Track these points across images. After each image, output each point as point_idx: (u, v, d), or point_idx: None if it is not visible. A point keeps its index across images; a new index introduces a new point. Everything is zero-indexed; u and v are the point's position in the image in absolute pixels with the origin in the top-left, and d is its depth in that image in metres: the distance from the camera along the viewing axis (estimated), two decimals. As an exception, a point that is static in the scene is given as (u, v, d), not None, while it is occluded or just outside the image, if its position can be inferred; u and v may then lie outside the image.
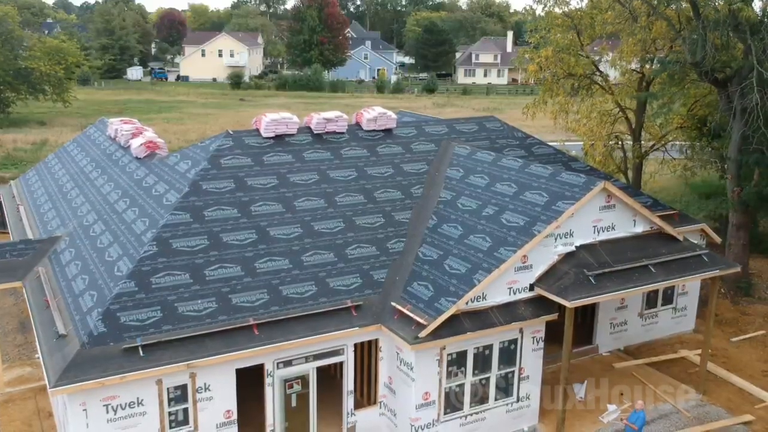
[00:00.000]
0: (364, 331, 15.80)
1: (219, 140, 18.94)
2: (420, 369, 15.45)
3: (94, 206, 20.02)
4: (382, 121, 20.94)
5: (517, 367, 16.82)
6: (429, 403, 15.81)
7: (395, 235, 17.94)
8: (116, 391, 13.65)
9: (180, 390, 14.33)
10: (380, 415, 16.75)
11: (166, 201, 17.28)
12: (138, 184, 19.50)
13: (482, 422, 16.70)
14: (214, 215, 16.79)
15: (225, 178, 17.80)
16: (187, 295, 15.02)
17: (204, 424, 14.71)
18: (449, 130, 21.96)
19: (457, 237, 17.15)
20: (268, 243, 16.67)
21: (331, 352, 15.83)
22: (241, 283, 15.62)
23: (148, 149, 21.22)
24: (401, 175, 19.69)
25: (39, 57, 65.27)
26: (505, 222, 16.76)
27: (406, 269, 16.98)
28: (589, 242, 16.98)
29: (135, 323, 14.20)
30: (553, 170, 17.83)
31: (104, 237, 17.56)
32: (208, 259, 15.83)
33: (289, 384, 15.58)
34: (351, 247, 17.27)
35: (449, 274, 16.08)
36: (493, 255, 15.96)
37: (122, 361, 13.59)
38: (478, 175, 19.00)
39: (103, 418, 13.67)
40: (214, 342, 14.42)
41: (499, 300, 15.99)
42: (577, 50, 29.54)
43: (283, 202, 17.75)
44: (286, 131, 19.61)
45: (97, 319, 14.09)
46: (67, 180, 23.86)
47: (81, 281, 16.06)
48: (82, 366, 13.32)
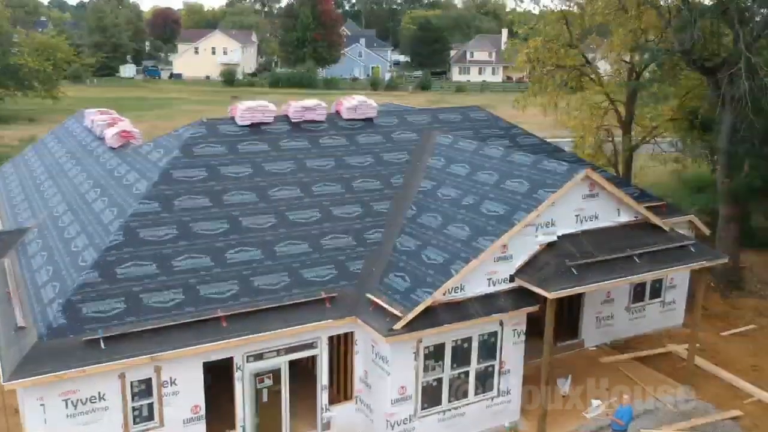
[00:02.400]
0: (338, 324, 15.27)
1: (192, 128, 18.41)
2: (395, 362, 14.93)
3: (65, 197, 19.47)
4: (362, 110, 20.42)
5: (498, 361, 16.31)
6: (405, 397, 15.29)
7: (373, 226, 17.41)
8: (76, 386, 13.09)
9: (144, 384, 13.77)
10: (357, 411, 16.22)
11: (135, 190, 16.73)
12: (110, 173, 18.95)
13: (461, 418, 16.17)
14: (184, 204, 16.25)
15: (197, 166, 17.26)
16: (153, 286, 14.47)
17: (170, 420, 14.16)
18: (432, 119, 21.44)
19: (436, 227, 16.63)
20: (240, 233, 16.13)
21: (304, 346, 15.30)
22: (210, 274, 15.08)
23: (122, 138, 20.67)
24: (381, 165, 19.17)
25: (27, 53, 64.62)
26: (485, 211, 16.24)
27: (383, 260, 16.45)
28: (572, 232, 16.47)
29: (97, 315, 13.65)
30: (536, 158, 17.32)
31: (72, 227, 17.00)
32: (176, 249, 15.28)
33: (260, 378, 15.04)
34: (327, 237, 16.74)
35: (426, 265, 15.56)
36: (471, 245, 15.43)
37: (83, 354, 13.03)
38: (460, 164, 18.48)
39: (63, 413, 13.11)
40: (180, 334, 13.87)
41: (478, 291, 15.47)
42: (567, 41, 29.01)
43: (258, 192, 17.21)
44: (262, 119, 19.08)
45: (57, 310, 13.54)
46: (42, 172, 23.30)
47: (45, 272, 15.51)
48: (40, 359, 12.76)
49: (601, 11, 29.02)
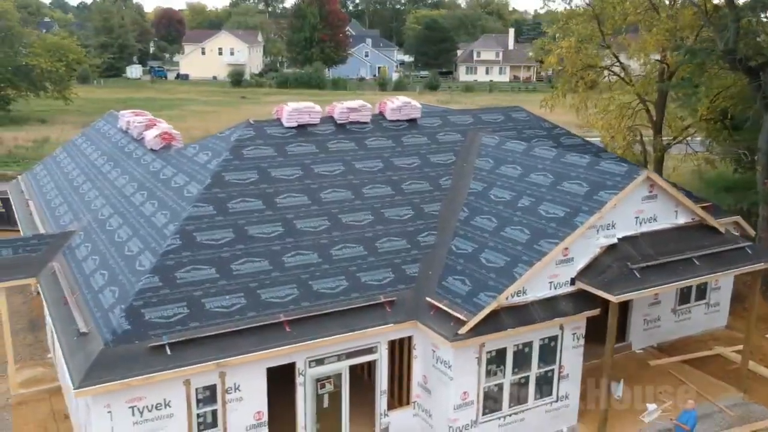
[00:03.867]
0: (398, 328, 15.04)
1: (239, 130, 18.17)
2: (458, 367, 14.70)
3: (108, 200, 19.22)
4: (406, 110, 20.18)
5: (557, 366, 16.07)
6: (467, 403, 15.06)
7: (426, 228, 17.17)
8: (142, 392, 12.87)
9: (209, 390, 13.56)
10: (414, 416, 15.99)
11: (187, 193, 16.49)
12: (155, 176, 18.70)
13: (521, 423, 15.95)
14: (238, 207, 16.01)
15: (248, 168, 17.02)
16: (214, 290, 14.24)
17: (233, 427, 13.94)
18: (474, 120, 21.20)
19: (492, 229, 16.39)
20: (295, 236, 15.90)
21: (364, 350, 15.07)
22: (270, 278, 14.85)
23: (163, 141, 20.43)
24: (428, 166, 18.93)
25: (39, 54, 64.37)
26: (544, 213, 16.01)
27: (439, 263, 16.22)
28: (632, 234, 16.24)
29: (160, 320, 13.41)
30: (592, 159, 17.08)
31: (122, 231, 16.76)
32: (234, 253, 15.05)
33: (321, 383, 14.81)
34: (381, 240, 16.51)
35: (487, 268, 15.32)
36: (533, 247, 15.19)
37: (148, 360, 12.81)
38: (510, 166, 18.25)
39: (129, 420, 12.89)
40: (244, 340, 13.65)
41: (540, 295, 15.24)
42: (599, 41, 28.77)
43: (309, 194, 16.98)
44: (308, 121, 18.85)
45: (120, 316, 13.30)
46: (78, 174, 23.05)
47: (100, 277, 15.27)
48: (107, 366, 12.53)
49: (633, 11, 28.82)
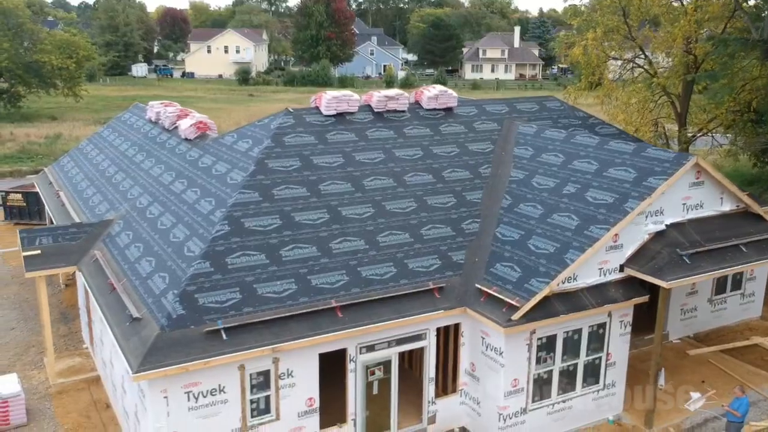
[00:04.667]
0: (447, 314, 14.93)
1: (279, 118, 18.05)
2: (510, 354, 14.58)
3: (145, 189, 19.11)
4: (443, 99, 20.07)
5: (605, 353, 15.96)
6: (517, 390, 14.94)
7: (469, 216, 17.06)
8: (198, 377, 12.76)
9: (262, 376, 13.45)
10: (461, 404, 15.87)
11: (230, 180, 16.37)
12: (193, 164, 18.59)
13: (569, 411, 15.83)
14: (283, 194, 15.90)
15: (290, 156, 16.91)
16: (265, 276, 14.13)
17: (286, 413, 13.84)
18: (510, 109, 21.08)
19: (538, 216, 16.27)
20: (341, 223, 15.78)
21: (414, 337, 14.96)
22: (319, 264, 14.74)
23: (198, 130, 20.32)
24: (467, 155, 18.81)
25: (50, 50, 64.21)
26: (591, 199, 15.89)
27: (484, 250, 16.10)
28: (679, 221, 16.12)
29: (214, 305, 13.31)
30: (637, 146, 16.97)
31: (164, 218, 16.65)
32: (282, 239, 14.94)
33: (371, 370, 14.70)
34: (426, 227, 16.39)
35: (536, 254, 15.20)
36: (583, 233, 15.08)
37: (204, 345, 12.70)
38: (551, 153, 18.13)
39: (184, 405, 12.78)
40: (297, 325, 13.54)
41: (590, 281, 15.12)
42: (624, 33, 28.64)
43: (352, 181, 16.86)
44: (347, 109, 18.75)
45: (174, 300, 13.19)
46: (109, 165, 22.94)
47: (147, 263, 15.15)
48: (163, 350, 12.43)
49: (657, 2, 28.71)
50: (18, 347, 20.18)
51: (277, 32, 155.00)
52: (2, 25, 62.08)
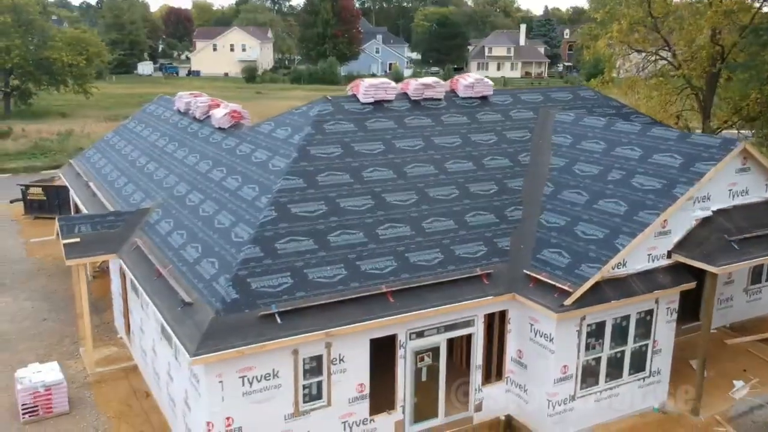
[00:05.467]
0: (496, 300, 14.82)
1: (318, 106, 17.93)
2: (560, 340, 14.47)
3: (181, 177, 19.01)
4: (479, 87, 19.95)
5: (651, 340, 15.85)
6: (567, 377, 14.83)
7: (511, 203, 16.94)
8: (253, 362, 12.66)
9: (315, 361, 13.34)
10: (507, 392, 15.76)
11: (272, 167, 16.26)
12: (230, 152, 18.48)
13: (615, 398, 15.72)
14: (327, 180, 15.78)
15: (331, 143, 16.79)
16: (315, 261, 14.02)
17: (337, 399, 13.73)
18: (544, 98, 20.97)
19: (584, 203, 16.15)
20: (386, 209, 15.66)
21: (462, 323, 14.87)
22: (367, 250, 14.62)
23: (232, 119, 20.21)
24: (505, 143, 18.69)
25: (60, 47, 64.15)
26: (638, 185, 15.77)
27: (530, 237, 15.99)
28: (725, 207, 16.00)
29: (267, 289, 13.19)
30: (681, 133, 16.86)
31: (206, 205, 16.54)
32: (329, 225, 14.82)
33: (420, 357, 14.59)
34: (469, 214, 16.28)
35: (585, 240, 15.08)
36: (633, 219, 14.96)
37: (259, 329, 12.59)
38: (592, 141, 18.01)
39: (239, 390, 12.68)
40: (349, 310, 13.43)
41: (639, 267, 15.00)
42: (650, 24, 28.53)
43: (394, 168, 16.75)
44: (384, 97, 18.62)
45: (227, 285, 13.07)
46: (139, 155, 22.84)
47: (193, 249, 15.04)
48: (219, 334, 12.31)
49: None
50: (52, 338, 20.09)
51: (281, 31, 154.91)
52: (13, 22, 61.98)
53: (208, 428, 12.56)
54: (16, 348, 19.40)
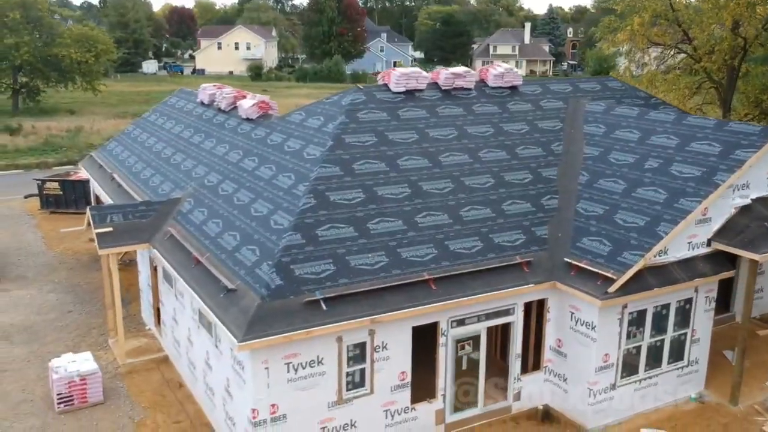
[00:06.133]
0: (537, 289, 14.72)
1: (350, 95, 17.82)
2: (602, 329, 14.36)
3: (211, 167, 18.90)
4: (508, 77, 19.83)
5: (690, 329, 15.74)
6: (608, 366, 14.72)
7: (546, 192, 16.83)
8: (298, 349, 12.56)
9: (358, 348, 13.25)
10: (545, 381, 15.65)
11: (307, 155, 16.14)
12: (261, 142, 18.37)
13: (654, 387, 15.62)
14: (363, 169, 15.68)
15: (365, 132, 16.67)
16: (356, 248, 13.91)
17: (379, 387, 13.64)
18: (573, 88, 20.84)
19: (621, 191, 16.04)
20: (423, 198, 15.56)
21: (502, 312, 14.77)
22: (407, 238, 14.51)
23: (260, 109, 20.10)
24: (537, 132, 18.57)
25: (69, 44, 64.01)
26: (677, 173, 15.65)
27: (567, 225, 15.87)
28: (764, 195, 15.88)
29: (311, 276, 13.09)
30: (718, 121, 16.75)
31: (240, 194, 16.43)
32: (368, 213, 14.71)
33: (461, 345, 14.49)
34: (506, 203, 16.17)
35: (625, 228, 14.97)
36: (674, 206, 14.84)
37: (305, 315, 12.49)
38: (626, 130, 17.90)
39: (284, 377, 12.58)
40: (392, 297, 13.33)
41: (680, 255, 14.88)
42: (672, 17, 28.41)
43: (429, 157, 16.64)
44: (416, 86, 18.50)
45: (270, 271, 12.96)
46: (163, 146, 22.73)
47: (230, 237, 14.93)
48: (266, 320, 12.21)
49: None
50: (79, 329, 19.98)
51: (285, 29, 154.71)
52: (22, 18, 61.86)
53: (253, 415, 12.45)
54: (44, 340, 19.29)
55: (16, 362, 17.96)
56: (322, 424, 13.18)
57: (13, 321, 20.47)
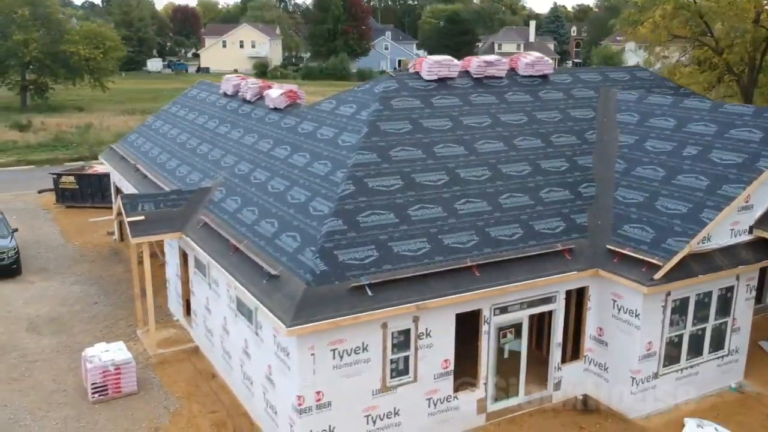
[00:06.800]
0: (579, 276, 14.54)
1: (383, 82, 17.65)
2: (646, 316, 14.18)
3: (241, 157, 18.72)
4: (539, 66, 19.64)
5: (731, 318, 15.56)
6: (651, 354, 14.54)
7: (583, 180, 16.65)
8: (344, 335, 12.39)
9: (403, 335, 13.07)
10: (584, 371, 15.46)
11: (342, 143, 15.96)
12: (292, 131, 18.18)
13: (695, 377, 15.44)
14: (400, 156, 15.49)
15: (400, 119, 16.49)
16: (398, 234, 13.73)
17: (423, 375, 13.46)
18: (603, 78, 20.65)
19: (661, 178, 15.85)
20: (461, 185, 15.38)
21: (544, 300, 14.60)
22: (447, 224, 14.33)
23: (288, 99, 19.92)
24: (570, 120, 18.38)
25: (77, 41, 63.86)
26: (718, 160, 15.47)
27: (607, 212, 15.69)
28: (806, 182, 15.69)
29: (354, 262, 12.91)
30: (757, 108, 16.56)
31: (275, 182, 16.25)
32: (407, 199, 14.53)
33: (503, 333, 14.31)
34: (544, 190, 15.98)
35: (668, 215, 14.78)
36: (717, 193, 14.65)
37: (351, 301, 12.32)
38: (661, 118, 17.71)
39: (329, 364, 12.42)
40: (436, 283, 13.16)
41: (723, 242, 14.71)
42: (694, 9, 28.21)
43: (464, 145, 16.45)
44: (447, 74, 18.31)
45: (314, 257, 12.78)
46: (188, 137, 22.55)
47: (268, 225, 14.75)
48: (313, 305, 12.04)
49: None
50: (106, 320, 19.81)
51: (288, 28, 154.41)
52: (31, 15, 61.69)
53: (298, 402, 12.28)
54: (72, 331, 19.12)
55: (46, 353, 17.80)
56: (366, 412, 13.00)
57: (39, 312, 20.30)
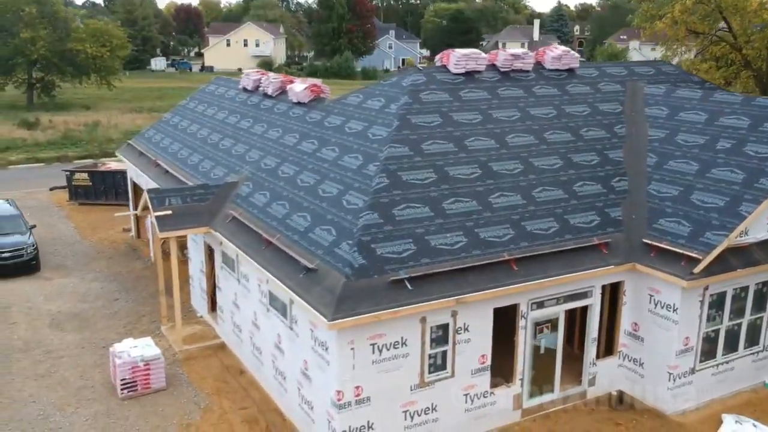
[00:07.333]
0: (616, 270, 14.38)
1: (411, 76, 17.47)
2: (684, 311, 14.01)
3: (266, 151, 18.54)
4: (566, 59, 19.45)
5: (767, 313, 15.39)
6: (688, 349, 14.37)
7: (615, 174, 16.47)
8: (383, 329, 12.22)
9: (441, 330, 12.91)
10: (619, 367, 15.29)
11: (372, 136, 15.78)
12: (318, 125, 18.01)
13: (730, 372, 15.27)
14: (432, 149, 15.32)
15: (429, 112, 16.31)
16: (434, 228, 13.56)
17: (460, 370, 13.30)
18: (629, 72, 20.46)
19: (695, 172, 15.68)
20: (494, 178, 15.20)
21: (580, 294, 14.44)
22: (482, 218, 14.16)
23: (312, 93, 19.74)
24: (599, 114, 18.21)
25: (84, 39, 63.70)
26: (753, 153, 15.29)
27: (641, 206, 15.52)
28: (842, 176, 15.51)
29: (392, 255, 12.74)
30: (792, 101, 16.39)
31: (304, 176, 16.07)
32: (441, 193, 14.36)
33: (540, 328, 14.13)
34: (577, 184, 15.81)
35: (704, 209, 14.60)
36: (754, 186, 14.48)
37: (391, 295, 12.15)
38: (691, 112, 17.53)
39: (368, 358, 12.25)
40: (474, 277, 12.99)
41: (759, 236, 14.52)
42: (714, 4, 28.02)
43: (495, 138, 16.28)
44: (475, 67, 18.13)
45: (351, 250, 12.60)
46: (209, 132, 22.37)
47: (300, 218, 14.57)
48: (353, 299, 11.87)
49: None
50: (129, 317, 19.65)
51: (291, 27, 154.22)
52: (38, 13, 61.53)
53: (338, 397, 12.11)
54: (95, 327, 18.96)
55: (70, 349, 17.63)
56: (404, 407, 12.84)
57: (60, 309, 20.14)
